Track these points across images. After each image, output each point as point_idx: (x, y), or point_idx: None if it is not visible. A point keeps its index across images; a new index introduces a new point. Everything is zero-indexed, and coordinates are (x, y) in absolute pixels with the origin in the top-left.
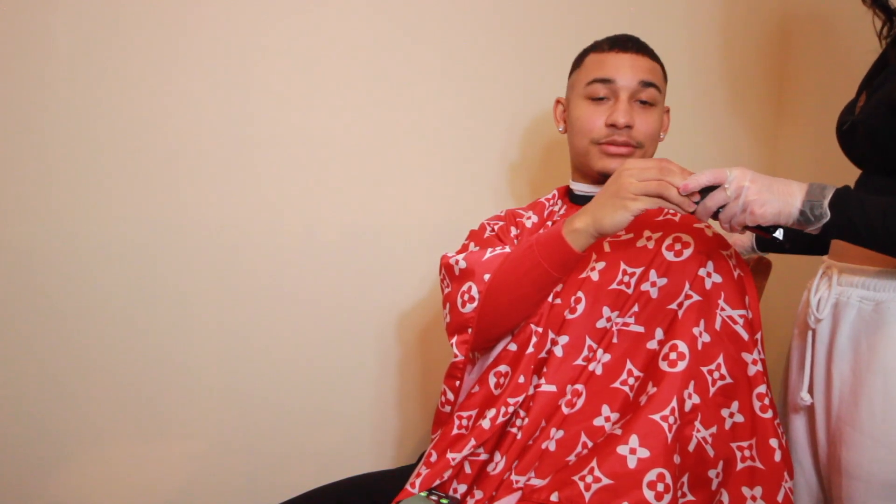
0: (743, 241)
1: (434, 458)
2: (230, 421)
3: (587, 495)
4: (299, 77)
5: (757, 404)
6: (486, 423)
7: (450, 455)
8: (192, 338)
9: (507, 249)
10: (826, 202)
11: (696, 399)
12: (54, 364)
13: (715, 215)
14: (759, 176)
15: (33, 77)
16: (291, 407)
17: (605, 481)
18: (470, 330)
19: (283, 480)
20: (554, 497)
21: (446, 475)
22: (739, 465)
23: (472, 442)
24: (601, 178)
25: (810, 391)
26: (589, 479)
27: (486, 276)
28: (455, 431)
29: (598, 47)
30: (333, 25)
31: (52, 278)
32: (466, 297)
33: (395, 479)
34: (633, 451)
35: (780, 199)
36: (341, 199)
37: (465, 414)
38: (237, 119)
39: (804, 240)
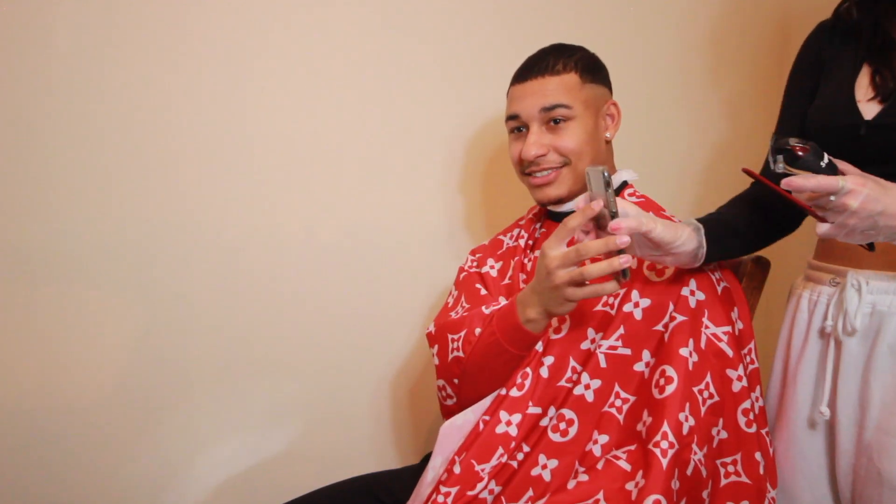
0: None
1: (458, 469)
2: (230, 421)
3: None
4: (300, 78)
5: (742, 420)
6: (501, 428)
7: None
8: (191, 338)
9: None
10: None
11: (691, 421)
12: (53, 364)
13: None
14: (872, 198)
15: (33, 77)
16: (292, 407)
17: None
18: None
19: (284, 480)
20: None
21: (479, 486)
22: (723, 482)
23: (500, 450)
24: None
25: (831, 404)
26: None
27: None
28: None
29: (512, 79)
30: (334, 28)
31: (51, 278)
32: (444, 393)
33: (397, 479)
34: (637, 485)
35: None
36: (342, 200)
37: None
38: (237, 119)
39: None
